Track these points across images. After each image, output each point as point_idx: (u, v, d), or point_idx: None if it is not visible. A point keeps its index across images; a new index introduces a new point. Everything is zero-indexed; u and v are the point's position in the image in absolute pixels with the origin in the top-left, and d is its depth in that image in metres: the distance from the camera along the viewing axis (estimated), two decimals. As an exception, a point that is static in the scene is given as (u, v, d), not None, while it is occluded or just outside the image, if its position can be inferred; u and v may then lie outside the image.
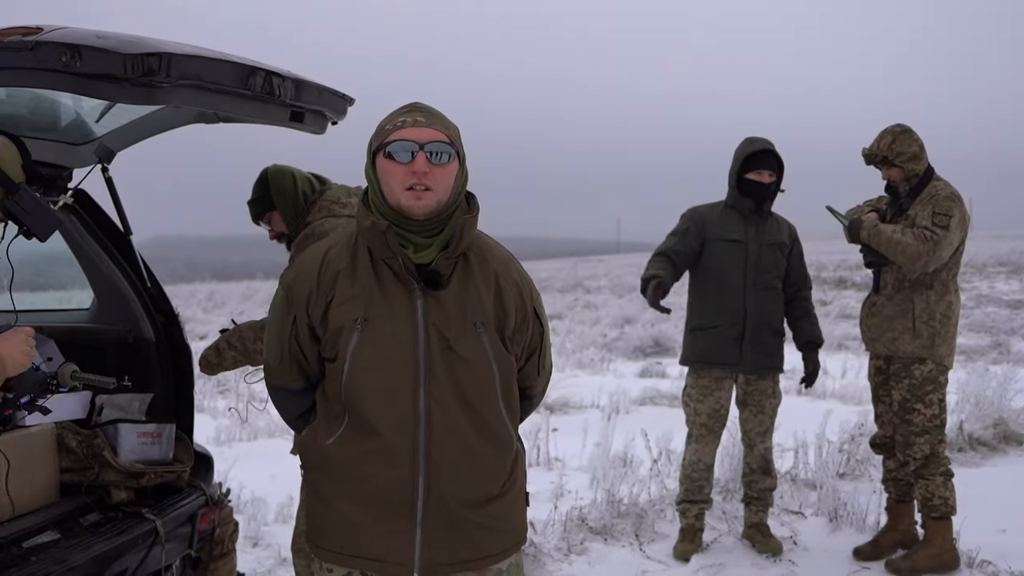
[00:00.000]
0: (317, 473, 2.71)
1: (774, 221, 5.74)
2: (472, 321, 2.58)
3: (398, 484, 2.55)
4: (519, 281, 2.70)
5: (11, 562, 3.34)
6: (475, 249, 2.67)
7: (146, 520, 3.89)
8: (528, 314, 2.70)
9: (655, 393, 11.16)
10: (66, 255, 4.63)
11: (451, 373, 2.56)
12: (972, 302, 19.49)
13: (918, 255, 5.10)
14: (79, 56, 2.90)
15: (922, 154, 5.27)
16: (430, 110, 2.59)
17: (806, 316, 5.76)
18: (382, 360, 2.54)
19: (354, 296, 2.58)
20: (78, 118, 4.01)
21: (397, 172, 2.51)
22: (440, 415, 2.55)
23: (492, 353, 2.60)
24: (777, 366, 5.71)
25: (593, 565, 5.53)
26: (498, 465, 2.67)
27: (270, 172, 4.32)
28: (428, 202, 2.52)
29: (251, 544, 5.95)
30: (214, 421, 9.76)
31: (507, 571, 2.75)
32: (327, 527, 2.67)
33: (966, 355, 12.76)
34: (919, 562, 5.25)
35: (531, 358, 2.78)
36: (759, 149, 5.60)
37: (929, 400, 5.26)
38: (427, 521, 2.57)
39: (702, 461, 5.77)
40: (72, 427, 4.06)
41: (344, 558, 2.65)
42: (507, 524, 2.71)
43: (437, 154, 2.50)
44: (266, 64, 3.45)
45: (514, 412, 2.72)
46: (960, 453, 7.67)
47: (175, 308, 4.55)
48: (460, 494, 2.59)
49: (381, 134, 2.56)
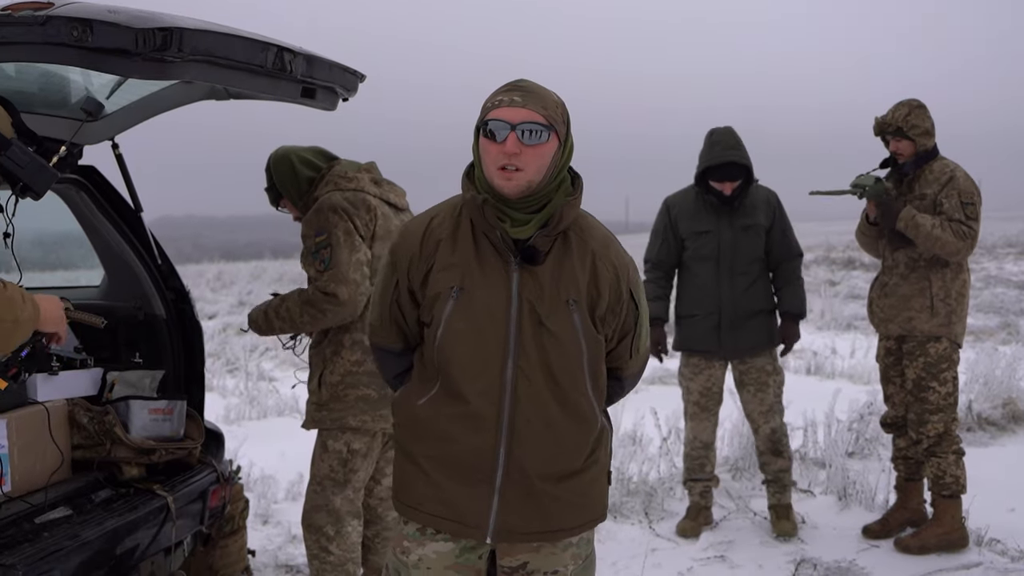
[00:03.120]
0: (405, 431, 2.77)
1: (749, 201, 5.65)
2: (565, 298, 2.61)
3: (480, 450, 2.62)
4: (616, 263, 2.71)
5: (24, 537, 3.36)
6: (575, 228, 2.69)
7: (157, 496, 3.91)
8: (623, 296, 2.72)
9: (664, 372, 11.10)
10: (74, 235, 4.63)
11: (540, 347, 2.60)
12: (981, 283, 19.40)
13: (957, 251, 5.12)
14: (90, 31, 2.89)
15: (933, 132, 5.25)
16: (529, 88, 2.59)
17: (787, 286, 5.67)
18: (474, 328, 2.60)
19: (453, 264, 2.64)
20: (89, 94, 4.00)
21: (491, 151, 2.55)
22: (526, 387, 2.60)
23: (582, 331, 2.63)
24: (766, 342, 5.66)
25: (603, 543, 5.53)
26: (580, 441, 2.70)
27: (271, 160, 4.32)
28: (519, 182, 2.54)
29: (261, 522, 5.97)
30: (223, 399, 9.78)
31: (577, 545, 2.79)
32: (409, 484, 2.74)
33: (975, 335, 12.71)
34: (928, 540, 5.25)
35: (623, 340, 2.79)
36: (718, 163, 5.53)
37: (944, 378, 5.25)
38: (505, 489, 2.63)
39: (698, 439, 5.79)
40: (83, 404, 4.07)
41: (421, 515, 2.72)
42: (585, 500, 2.75)
43: (529, 133, 2.51)
44: (278, 40, 3.43)
45: (600, 391, 2.75)
46: (969, 433, 7.64)
47: (185, 285, 4.56)
48: (539, 466, 2.64)
49: (483, 112, 2.59)
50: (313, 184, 4.24)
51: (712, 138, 5.63)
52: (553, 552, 2.75)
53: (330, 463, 4.13)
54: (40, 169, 3.00)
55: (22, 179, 2.97)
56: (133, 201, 4.45)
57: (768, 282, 5.71)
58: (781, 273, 5.69)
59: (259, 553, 5.28)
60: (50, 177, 3.04)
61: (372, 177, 4.24)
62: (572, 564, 2.79)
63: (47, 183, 3.04)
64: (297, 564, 5.25)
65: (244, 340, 13.11)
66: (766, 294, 5.69)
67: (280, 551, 5.48)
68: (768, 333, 5.67)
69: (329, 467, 4.14)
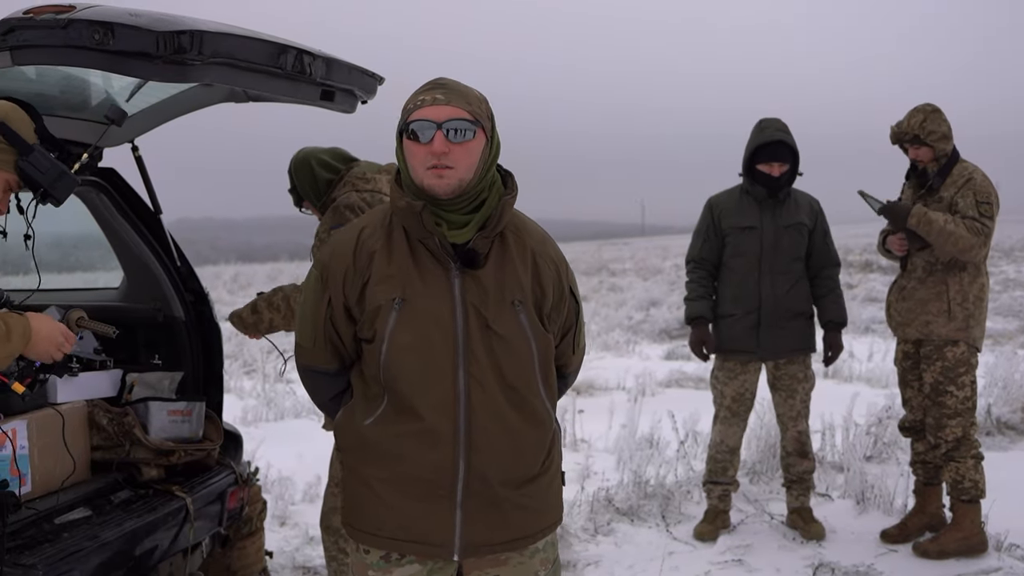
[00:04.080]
0: (354, 454, 2.66)
1: (792, 201, 5.64)
2: (510, 299, 2.54)
3: (439, 465, 2.52)
4: (556, 259, 2.67)
5: (44, 538, 3.39)
6: (511, 227, 2.63)
7: (176, 498, 3.92)
8: (564, 292, 2.67)
9: (681, 375, 11.14)
10: (92, 237, 4.65)
11: (490, 352, 2.52)
12: (999, 286, 19.33)
13: (970, 247, 5.08)
14: (112, 34, 2.91)
15: (950, 135, 5.23)
16: (451, 86, 2.52)
17: (829, 294, 5.65)
18: (421, 340, 2.50)
19: (390, 275, 2.53)
20: (109, 97, 4.02)
21: (418, 152, 2.46)
22: (480, 394, 2.52)
23: (530, 331, 2.56)
24: (803, 348, 5.64)
25: (620, 546, 5.54)
26: (538, 444, 2.65)
27: (292, 163, 4.33)
28: (450, 181, 2.46)
29: (279, 523, 5.98)
30: (240, 401, 9.81)
31: (543, 549, 2.74)
32: (365, 509, 2.64)
33: (993, 339, 12.67)
34: (947, 545, 5.23)
35: (566, 336, 2.75)
36: (768, 140, 5.52)
37: (962, 382, 5.22)
38: (467, 502, 2.54)
39: (725, 443, 5.76)
40: (103, 405, 4.09)
41: (382, 540, 2.62)
42: (545, 504, 2.69)
43: (455, 132, 2.45)
44: (297, 42, 3.45)
45: (552, 391, 2.69)
46: (988, 437, 7.61)
47: (204, 287, 4.57)
48: (501, 474, 2.56)
49: (404, 113, 2.51)
50: (332, 186, 4.25)
51: (761, 124, 5.62)
52: (521, 561, 2.69)
53: None
54: (61, 176, 3.00)
55: (43, 185, 2.98)
56: (152, 203, 4.47)
57: (808, 286, 5.66)
58: (822, 281, 5.66)
59: (276, 555, 5.30)
60: (71, 184, 3.05)
61: (391, 178, 4.22)
62: (542, 570, 2.74)
63: (68, 190, 3.05)
64: (315, 566, 5.26)
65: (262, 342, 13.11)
66: (806, 298, 5.64)
67: (297, 552, 5.49)
68: (806, 338, 5.63)
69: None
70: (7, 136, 2.93)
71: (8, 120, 2.95)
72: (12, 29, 3.03)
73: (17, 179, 2.98)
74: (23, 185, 3.01)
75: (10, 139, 2.93)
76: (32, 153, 2.95)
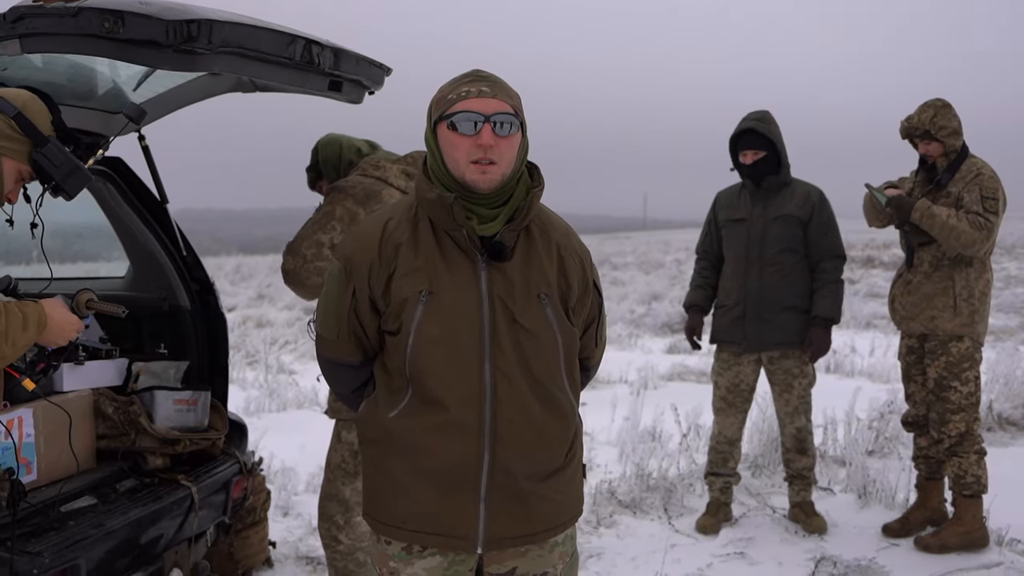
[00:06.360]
0: (377, 446, 2.65)
1: (788, 192, 5.62)
2: (536, 293, 2.54)
3: (463, 458, 2.52)
4: (580, 252, 2.67)
5: (50, 525, 3.40)
6: (536, 220, 2.62)
7: (182, 487, 3.93)
8: (589, 285, 2.67)
9: (683, 369, 11.15)
10: (95, 227, 4.65)
11: (516, 345, 2.52)
12: (1001, 283, 19.33)
13: (973, 241, 5.07)
14: (122, 22, 2.91)
15: (960, 130, 5.23)
16: (494, 79, 2.50)
17: (821, 288, 5.56)
18: (448, 332, 2.50)
19: (417, 268, 2.52)
20: (116, 86, 4.02)
21: (462, 144, 2.44)
22: (506, 387, 2.51)
23: (556, 324, 2.56)
24: (791, 341, 5.58)
25: (622, 538, 5.55)
26: (562, 437, 2.64)
27: (320, 142, 4.32)
28: (494, 176, 2.45)
29: (281, 513, 5.99)
30: (243, 392, 9.81)
31: (563, 543, 2.74)
32: (388, 501, 2.63)
33: (995, 335, 12.67)
34: (949, 539, 5.24)
35: (588, 329, 2.75)
36: (740, 130, 5.55)
37: (965, 377, 5.23)
38: (491, 495, 2.54)
39: (723, 434, 5.80)
40: (109, 394, 4.10)
41: (405, 532, 2.61)
42: (567, 496, 2.69)
43: (502, 125, 2.43)
44: (306, 32, 3.45)
45: (576, 384, 2.69)
46: (989, 433, 7.62)
47: (210, 276, 4.58)
48: (526, 467, 2.56)
49: (443, 103, 2.47)
50: (351, 167, 4.24)
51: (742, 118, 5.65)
52: (540, 554, 2.69)
53: (342, 453, 4.14)
54: (74, 170, 2.99)
55: (55, 178, 2.97)
56: (159, 192, 4.46)
57: (806, 281, 5.61)
58: (816, 275, 5.60)
59: (280, 544, 5.31)
60: (84, 179, 3.03)
61: (403, 169, 4.16)
62: (560, 563, 2.73)
63: (80, 185, 3.03)
64: (317, 556, 5.27)
65: (264, 333, 13.15)
66: (800, 291, 5.58)
67: (300, 543, 5.50)
68: (798, 333, 5.58)
69: (341, 457, 4.14)
70: (23, 126, 2.91)
71: (26, 110, 2.94)
72: (22, 17, 3.03)
73: (30, 170, 2.97)
74: (35, 177, 3.00)
75: (26, 130, 2.92)
76: (47, 145, 2.94)
